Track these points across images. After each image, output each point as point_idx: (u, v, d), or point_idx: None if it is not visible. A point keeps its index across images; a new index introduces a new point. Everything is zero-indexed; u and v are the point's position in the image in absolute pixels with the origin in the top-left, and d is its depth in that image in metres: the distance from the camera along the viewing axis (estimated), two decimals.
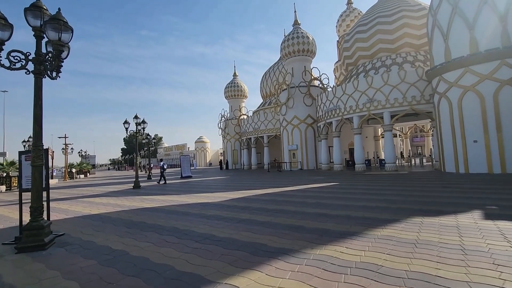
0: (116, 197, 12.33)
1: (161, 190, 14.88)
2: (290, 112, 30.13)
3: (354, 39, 26.01)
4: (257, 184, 15.38)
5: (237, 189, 13.23)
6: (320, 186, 12.85)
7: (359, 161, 22.83)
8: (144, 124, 16.24)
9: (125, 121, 15.83)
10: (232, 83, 43.45)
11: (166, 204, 9.66)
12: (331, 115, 24.64)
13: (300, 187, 12.78)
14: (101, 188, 17.66)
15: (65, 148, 30.58)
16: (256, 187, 14.07)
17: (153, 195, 12.39)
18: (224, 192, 12.24)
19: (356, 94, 22.45)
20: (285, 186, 13.51)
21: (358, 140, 23.06)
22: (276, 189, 12.46)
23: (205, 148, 69.32)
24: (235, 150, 41.99)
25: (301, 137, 29.53)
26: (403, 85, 20.50)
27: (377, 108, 21.37)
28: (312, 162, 29.36)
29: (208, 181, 19.73)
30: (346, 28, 36.52)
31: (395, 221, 5.68)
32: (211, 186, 15.63)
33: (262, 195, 10.68)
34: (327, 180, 15.98)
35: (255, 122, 36.11)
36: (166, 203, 9.77)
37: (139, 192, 14.11)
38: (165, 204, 9.54)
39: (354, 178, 16.25)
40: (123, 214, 8.03)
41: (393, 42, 24.03)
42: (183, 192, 13.14)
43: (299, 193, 10.75)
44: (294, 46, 30.22)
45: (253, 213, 7.25)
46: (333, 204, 7.98)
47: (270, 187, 13.67)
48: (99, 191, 15.57)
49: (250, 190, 12.53)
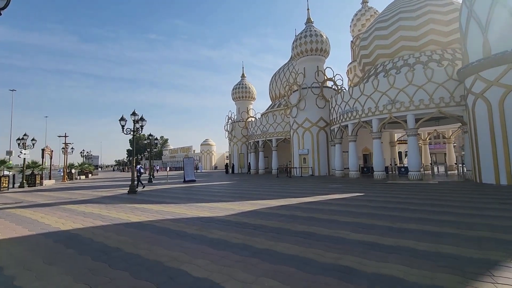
0: (104, 205, 10.41)
1: (159, 197, 12.93)
2: (301, 114, 28.09)
3: (373, 36, 23.95)
4: (268, 192, 13.34)
5: (245, 198, 11.20)
6: (344, 198, 10.74)
7: (379, 168, 20.60)
8: (142, 122, 14.37)
9: (121, 117, 13.99)
10: (240, 84, 41.65)
11: (158, 217, 7.67)
12: (347, 117, 22.52)
13: (321, 198, 10.69)
14: (95, 192, 15.82)
15: (65, 147, 28.98)
16: (268, 195, 12.02)
17: (147, 203, 10.44)
18: (231, 203, 10.22)
19: (375, 95, 20.33)
20: (301, 196, 11.45)
21: (377, 145, 20.86)
22: (292, 200, 10.40)
23: (210, 151, 67.54)
24: (241, 154, 40.02)
25: (312, 141, 27.43)
26: (430, 85, 18.33)
27: (399, 110, 19.20)
28: (324, 168, 27.18)
29: (212, 187, 17.74)
30: (362, 28, 34.48)
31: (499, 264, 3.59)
32: (216, 193, 13.63)
33: (277, 208, 8.63)
34: (347, 189, 13.84)
35: (264, 125, 34.13)
36: (158, 216, 7.78)
37: (133, 199, 12.18)
38: (157, 218, 7.55)
39: (379, 188, 14.08)
40: (99, 233, 6.07)
41: (417, 39, 21.89)
42: (183, 201, 11.15)
43: (324, 207, 8.66)
44: (307, 44, 28.30)
45: (272, 238, 5.22)
46: (380, 227, 5.90)
47: (284, 196, 11.62)
48: (90, 196, 13.70)
49: (261, 201, 10.49)
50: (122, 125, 13.98)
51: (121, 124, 13.96)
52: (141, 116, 14.38)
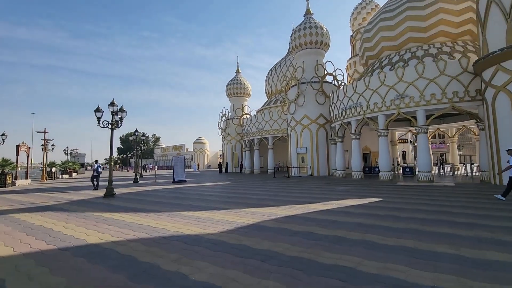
0: (66, 214, 8.25)
1: (139, 202, 10.80)
2: (300, 110, 26.19)
3: (378, 27, 22.16)
4: (268, 196, 11.34)
5: (242, 204, 9.19)
6: (362, 204, 8.82)
7: (385, 168, 18.82)
8: (122, 114, 12.19)
9: (96, 108, 11.79)
10: (235, 80, 39.51)
11: (127, 235, 5.59)
12: (350, 113, 20.69)
13: (334, 204, 8.75)
14: (66, 195, 13.56)
15: (44, 144, 26.42)
16: (269, 201, 10.03)
17: (121, 211, 8.32)
18: (226, 211, 8.18)
19: (382, 89, 18.53)
20: (309, 201, 9.49)
21: (384, 143, 19.08)
22: (300, 207, 8.43)
23: (204, 150, 65.21)
24: (235, 152, 37.94)
25: (311, 139, 25.57)
26: (442, 78, 16.60)
27: (408, 105, 17.44)
28: (323, 167, 25.35)
29: (204, 189, 15.66)
30: (362, 22, 32.74)
31: None
32: (208, 198, 11.57)
33: (285, 220, 6.65)
34: (357, 192, 11.96)
35: (259, 122, 32.12)
36: (128, 234, 5.70)
37: (107, 204, 10.03)
38: (125, 237, 5.46)
39: (393, 191, 12.23)
40: (26, 265, 3.99)
41: (425, 30, 20.17)
42: (167, 207, 9.07)
43: (346, 218, 6.70)
44: (306, 37, 26.40)
45: (292, 282, 3.24)
46: (449, 256, 3.94)
47: (289, 202, 9.64)
48: (58, 200, 11.48)
49: (263, 208, 8.48)
50: (98, 117, 11.77)
51: (97, 116, 11.75)
52: (120, 107, 12.17)
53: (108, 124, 12.00)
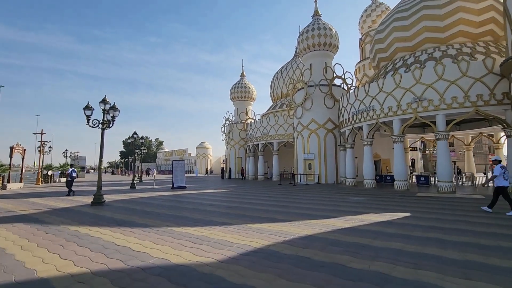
0: (39, 226, 6.89)
1: (130, 211, 9.42)
2: (307, 114, 24.83)
3: (392, 28, 20.85)
4: (276, 207, 9.90)
5: (247, 218, 7.75)
6: (390, 221, 7.33)
7: (401, 177, 17.26)
8: (114, 112, 10.91)
9: (86, 105, 10.54)
10: (239, 84, 38.34)
11: (95, 263, 4.18)
12: (362, 118, 19.26)
13: (357, 221, 7.27)
14: (52, 201, 12.22)
15: (41, 146, 25.29)
16: (277, 213, 8.59)
17: (103, 226, 6.93)
18: (227, 227, 6.76)
19: (397, 92, 17.11)
20: (325, 216, 8.03)
21: (399, 150, 17.57)
22: (315, 223, 6.99)
23: (206, 154, 63.91)
24: (239, 158, 36.54)
25: (319, 145, 24.14)
26: (464, 80, 15.16)
27: (427, 109, 15.97)
28: (332, 175, 23.84)
29: (205, 197, 14.25)
30: (372, 25, 31.51)
31: None
32: (207, 208, 10.15)
33: (301, 242, 5.20)
34: (376, 204, 10.46)
35: (264, 127, 30.76)
36: (98, 260, 4.30)
37: (92, 215, 8.65)
38: (90, 268, 4.05)
39: (416, 203, 10.71)
40: None
41: (443, 30, 18.81)
42: (158, 220, 7.67)
43: (376, 241, 5.22)
44: (314, 38, 25.19)
45: None
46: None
47: (301, 215, 8.18)
48: (41, 207, 10.14)
49: (272, 224, 7.03)
50: (87, 116, 10.49)
51: (86, 114, 10.47)
52: (112, 105, 10.89)
53: (98, 124, 10.71)
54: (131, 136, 19.76)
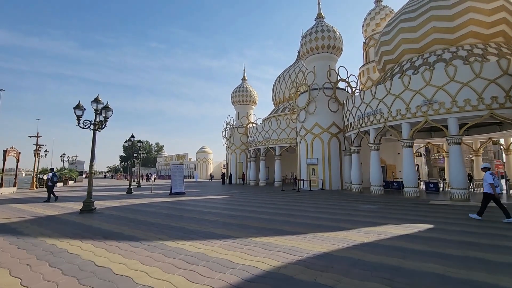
0: (13, 239, 5.96)
1: (121, 220, 8.51)
2: (311, 118, 24.01)
3: (398, 29, 20.13)
4: (281, 215, 8.98)
5: (251, 229, 6.85)
6: (414, 235, 6.42)
7: (410, 184, 16.32)
8: (107, 112, 10.08)
9: (77, 105, 9.72)
10: (241, 88, 37.64)
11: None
12: (368, 121, 18.42)
13: (374, 234, 6.35)
14: (40, 208, 11.32)
15: (36, 150, 24.44)
16: (284, 223, 7.67)
17: (87, 238, 6.02)
18: (229, 241, 5.86)
19: (406, 94, 16.30)
20: (338, 227, 7.11)
21: (408, 155, 16.66)
22: (329, 237, 6.08)
23: (207, 159, 62.96)
24: (240, 163, 35.63)
25: (323, 150, 23.26)
26: (478, 81, 14.34)
27: (438, 112, 15.12)
28: (336, 181, 22.91)
29: (205, 204, 13.33)
30: (376, 28, 30.88)
31: None
32: (207, 217, 9.24)
33: (318, 262, 4.29)
34: (389, 213, 9.54)
35: (266, 131, 29.91)
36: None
37: (78, 224, 7.75)
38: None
39: (434, 213, 9.79)
40: None
41: (453, 31, 18.08)
42: (151, 232, 6.77)
43: (407, 261, 4.30)
44: (318, 41, 24.51)
45: None
46: None
47: (311, 226, 7.26)
48: (25, 215, 9.23)
49: (279, 237, 6.13)
50: (77, 116, 9.66)
51: (77, 115, 9.64)
52: (105, 104, 10.06)
53: (89, 124, 9.87)
54: (128, 139, 18.92)
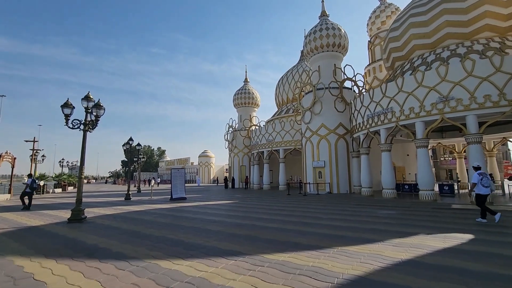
0: None
1: (110, 232, 7.45)
2: (316, 119, 22.96)
3: (408, 24, 19.12)
4: (293, 223, 7.86)
5: (261, 241, 5.75)
6: (459, 249, 5.31)
7: (427, 186, 15.15)
8: (98, 111, 9.06)
9: (65, 103, 8.73)
10: (243, 89, 36.70)
11: None
12: (379, 121, 17.35)
13: (411, 248, 5.24)
14: (27, 217, 10.28)
15: (33, 155, 23.50)
16: (297, 233, 6.58)
17: (64, 258, 4.92)
18: (236, 260, 4.77)
19: (420, 91, 15.23)
20: (362, 238, 6.00)
21: (423, 155, 15.53)
22: (356, 251, 4.99)
23: (209, 163, 61.92)
24: (243, 166, 34.54)
25: (330, 152, 22.16)
26: (498, 76, 13.26)
27: (455, 109, 14.04)
28: (344, 184, 21.77)
29: (207, 210, 12.25)
30: (381, 26, 29.92)
31: None
32: (209, 226, 8.16)
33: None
34: (414, 220, 8.44)
35: (269, 133, 28.87)
36: None
37: (61, 237, 6.70)
38: None
39: (463, 219, 8.67)
40: None
41: (467, 24, 17.06)
42: (143, 247, 5.71)
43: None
44: (322, 39, 23.56)
45: None
46: None
47: (329, 238, 6.16)
48: (6, 226, 8.20)
49: (296, 253, 5.03)
50: (65, 115, 8.67)
51: (65, 113, 8.65)
52: (96, 102, 9.07)
53: (79, 124, 8.86)
54: (126, 142, 17.92)
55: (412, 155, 26.91)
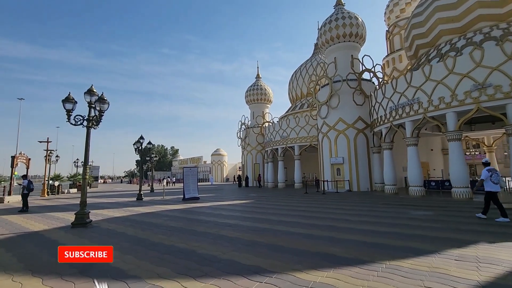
0: None
1: (114, 239, 6.61)
2: (334, 113, 21.66)
3: (434, 8, 17.49)
4: (321, 229, 6.78)
5: (290, 254, 4.69)
6: None
7: (460, 183, 13.68)
8: (102, 105, 8.27)
9: (66, 97, 7.97)
10: (255, 86, 35.68)
11: None
12: (404, 113, 15.93)
13: (481, 262, 4.06)
14: (33, 220, 9.67)
15: (47, 155, 23.34)
16: (330, 243, 5.49)
17: (52, 277, 4.10)
18: (262, 279, 3.78)
19: (451, 79, 13.73)
20: (410, 247, 4.85)
21: (456, 150, 14.03)
22: (413, 267, 3.86)
23: (222, 162, 61.34)
24: (256, 164, 33.57)
25: (349, 147, 20.83)
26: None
27: (493, 98, 12.48)
28: (365, 181, 20.42)
29: (221, 212, 11.33)
30: (400, 14, 28.10)
31: None
32: (226, 232, 7.20)
33: None
34: (453, 220, 7.20)
35: (284, 129, 27.71)
36: None
37: (53, 251, 5.93)
38: None
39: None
40: None
41: (502, 4, 15.37)
42: (145, 263, 4.80)
43: None
44: (338, 29, 22.19)
45: None
46: None
47: (372, 248, 5.04)
48: (6, 231, 7.55)
49: (337, 271, 3.98)
50: (67, 110, 7.90)
51: (66, 109, 7.89)
52: (100, 96, 8.27)
53: (82, 121, 8.09)
54: (137, 141, 17.28)
55: (436, 150, 25.18)
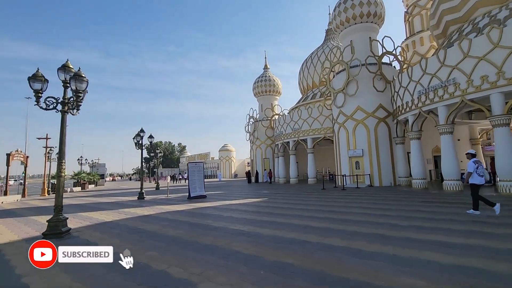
0: None
1: (112, 240, 4.91)
2: (351, 102, 19.59)
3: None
4: (363, 238, 4.94)
5: (338, 283, 2.98)
6: None
7: (507, 176, 11.62)
8: (79, 84, 6.34)
9: (33, 74, 6.18)
10: (263, 77, 33.71)
11: None
12: (436, 97, 13.81)
13: None
14: (8, 227, 8.14)
15: (46, 152, 22.01)
16: (391, 266, 3.62)
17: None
18: None
19: (496, 55, 11.55)
20: (496, 273, 3.07)
21: (504, 137, 11.86)
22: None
23: (230, 157, 59.71)
24: (266, 159, 31.75)
25: (369, 138, 18.80)
26: None
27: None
28: (387, 175, 18.39)
29: (232, 214, 9.55)
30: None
31: None
32: (238, 246, 5.43)
33: None
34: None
35: (295, 121, 25.72)
36: None
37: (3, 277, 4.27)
38: None
39: None
40: None
41: None
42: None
43: None
44: (355, 9, 20.00)
45: None
46: None
47: (439, 270, 3.25)
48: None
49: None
50: (35, 91, 6.12)
51: (34, 89, 6.07)
52: (76, 72, 6.45)
53: (55, 104, 6.38)
54: (137, 134, 15.66)
55: (463, 139, 22.85)
